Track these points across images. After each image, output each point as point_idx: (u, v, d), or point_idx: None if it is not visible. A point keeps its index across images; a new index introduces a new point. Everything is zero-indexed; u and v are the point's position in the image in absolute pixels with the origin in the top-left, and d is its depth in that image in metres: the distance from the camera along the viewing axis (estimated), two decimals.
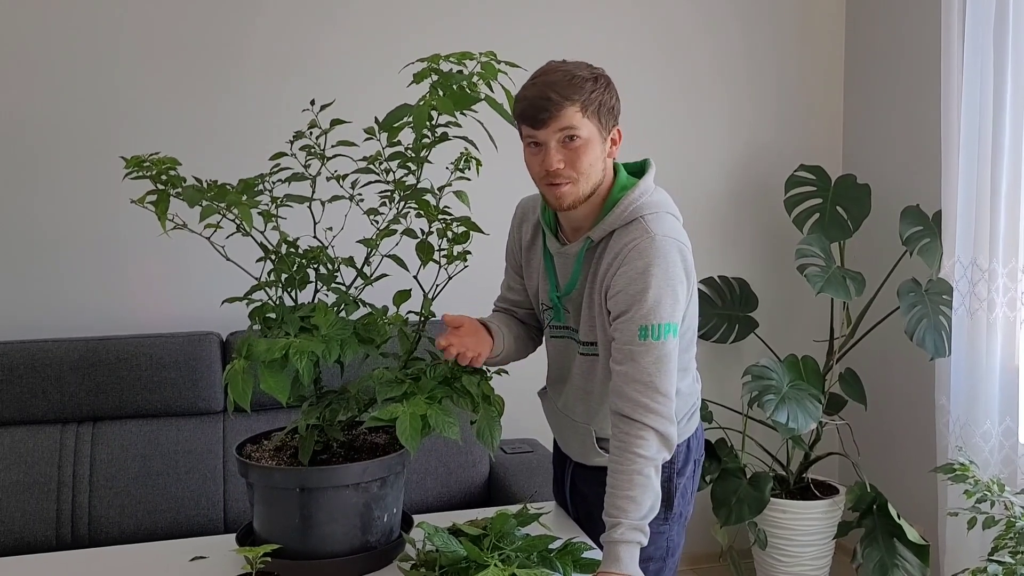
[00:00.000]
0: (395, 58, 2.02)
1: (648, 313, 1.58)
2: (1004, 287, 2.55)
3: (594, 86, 1.61)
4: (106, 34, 2.75)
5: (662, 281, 1.59)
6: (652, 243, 1.61)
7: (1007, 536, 2.04)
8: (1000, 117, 2.53)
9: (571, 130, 1.59)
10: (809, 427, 2.77)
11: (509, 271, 1.91)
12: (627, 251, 1.62)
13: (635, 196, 1.66)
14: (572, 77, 1.60)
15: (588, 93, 1.60)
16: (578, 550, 1.61)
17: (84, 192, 2.75)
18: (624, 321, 1.60)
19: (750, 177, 3.36)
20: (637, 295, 1.59)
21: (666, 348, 1.58)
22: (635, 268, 1.60)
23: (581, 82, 1.60)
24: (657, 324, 1.58)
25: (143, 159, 1.66)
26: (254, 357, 1.57)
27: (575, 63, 1.65)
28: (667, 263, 1.60)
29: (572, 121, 1.59)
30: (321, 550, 1.62)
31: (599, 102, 1.61)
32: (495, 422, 1.65)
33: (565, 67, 1.63)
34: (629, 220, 1.65)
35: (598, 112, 1.61)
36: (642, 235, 1.62)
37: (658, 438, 1.57)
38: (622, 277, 1.61)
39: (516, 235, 1.86)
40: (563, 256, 1.73)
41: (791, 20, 3.37)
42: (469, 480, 2.70)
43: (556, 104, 1.57)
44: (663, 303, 1.58)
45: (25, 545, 2.37)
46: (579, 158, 1.61)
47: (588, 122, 1.60)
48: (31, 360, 2.49)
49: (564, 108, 1.58)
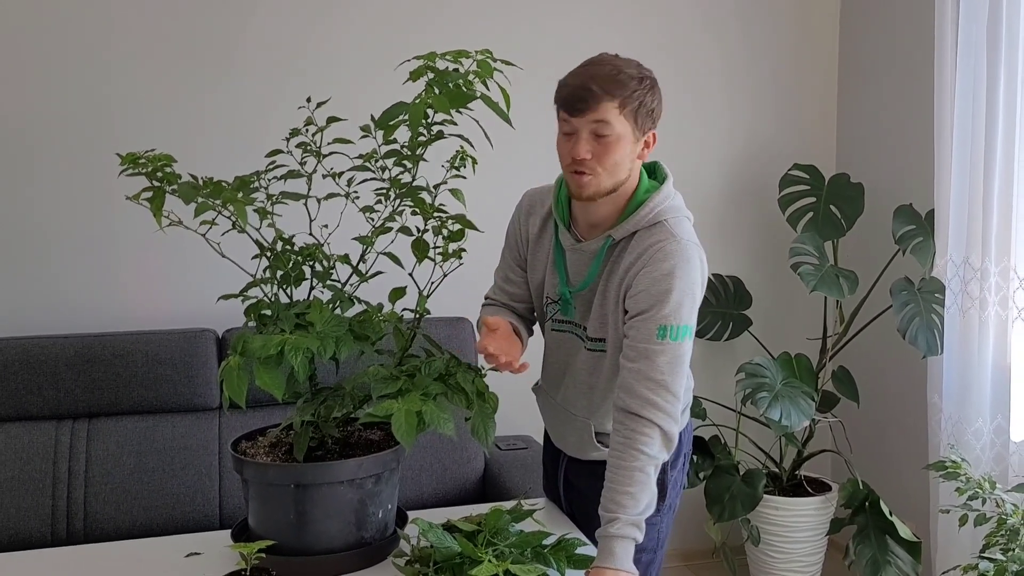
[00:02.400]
0: (391, 56, 2.02)
1: (669, 314, 1.59)
2: (996, 286, 2.57)
3: (638, 86, 1.63)
4: (101, 31, 2.75)
5: (685, 284, 1.61)
6: (679, 246, 1.64)
7: (998, 533, 2.05)
8: (993, 116, 2.54)
9: (604, 124, 1.61)
10: (802, 424, 2.78)
11: (509, 262, 1.89)
12: (652, 251, 1.64)
13: (660, 199, 1.69)
14: (619, 73, 1.61)
15: (630, 92, 1.61)
16: (572, 546, 1.62)
17: (80, 189, 2.75)
18: (642, 320, 1.61)
19: (744, 176, 3.37)
20: (660, 295, 1.60)
21: (682, 349, 1.61)
22: (660, 269, 1.62)
23: (627, 79, 1.61)
24: (676, 325, 1.60)
25: (138, 156, 1.66)
26: (249, 354, 1.57)
27: (626, 60, 1.66)
28: (690, 267, 1.63)
29: (607, 116, 1.60)
30: (316, 546, 1.63)
31: (640, 102, 1.63)
32: (489, 418, 1.66)
33: (616, 62, 1.65)
34: (653, 223, 1.67)
35: (636, 112, 1.63)
36: (668, 238, 1.65)
37: (662, 437, 1.58)
38: (646, 277, 1.62)
39: (522, 227, 1.85)
40: (578, 252, 1.74)
41: (785, 20, 3.38)
42: (464, 477, 2.70)
43: (595, 96, 1.59)
44: (684, 305, 1.61)
45: (20, 541, 2.37)
46: (607, 153, 1.62)
47: (624, 120, 1.62)
48: (27, 356, 2.49)
49: (602, 102, 1.59)
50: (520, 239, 1.86)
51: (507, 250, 1.90)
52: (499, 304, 1.90)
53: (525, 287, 1.88)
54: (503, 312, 1.87)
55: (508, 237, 1.89)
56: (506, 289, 1.90)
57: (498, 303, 1.90)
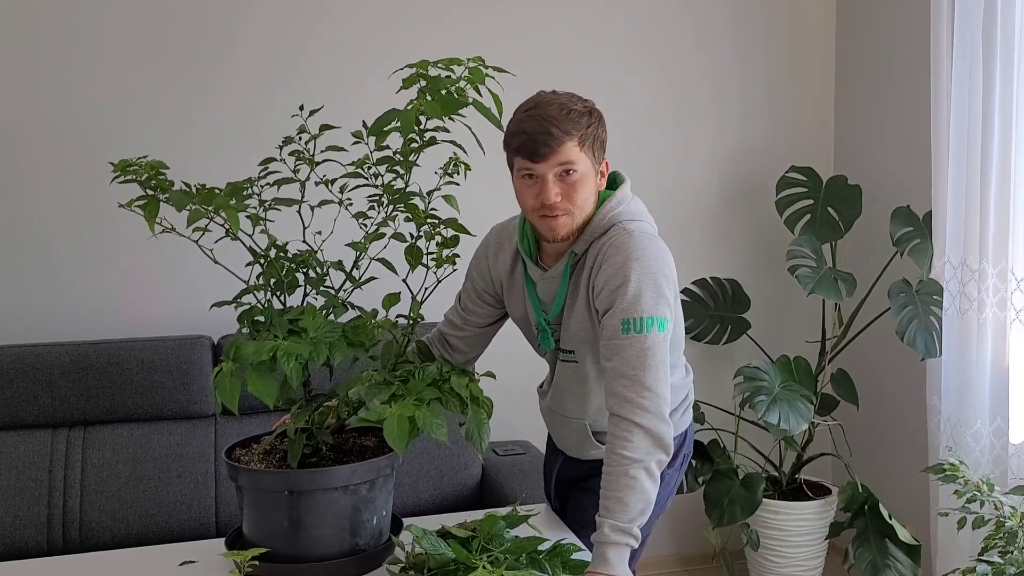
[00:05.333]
0: (384, 63, 2.02)
1: (629, 307, 1.59)
2: (994, 287, 2.56)
3: (589, 120, 1.64)
4: (95, 37, 2.75)
5: (641, 274, 1.61)
6: (630, 238, 1.65)
7: (997, 536, 2.04)
8: (989, 118, 2.53)
9: (570, 164, 1.62)
10: (801, 428, 2.77)
11: (470, 293, 1.91)
12: (606, 248, 1.66)
13: (612, 204, 1.70)
14: (569, 111, 1.62)
15: (585, 127, 1.63)
16: (567, 551, 1.61)
17: (74, 196, 2.75)
18: (608, 317, 1.62)
19: (741, 178, 3.37)
20: (618, 289, 1.60)
21: (648, 341, 1.58)
22: (614, 263, 1.63)
23: (578, 116, 1.63)
24: (639, 317, 1.58)
25: (130, 163, 1.66)
26: (242, 360, 1.57)
27: (566, 95, 1.67)
28: (645, 256, 1.63)
29: (571, 156, 1.62)
30: (310, 553, 1.62)
31: (594, 136, 1.65)
32: (484, 424, 1.66)
33: (559, 100, 1.65)
34: (607, 227, 1.69)
35: (592, 146, 1.65)
36: (619, 232, 1.66)
37: (647, 437, 1.55)
38: (603, 274, 1.64)
39: (492, 267, 1.86)
40: (547, 280, 1.75)
41: (782, 21, 3.38)
42: (461, 483, 2.69)
43: (557, 139, 1.60)
44: (644, 296, 1.60)
45: (16, 550, 2.36)
46: (576, 192, 1.64)
47: (584, 156, 1.64)
48: (22, 364, 2.49)
49: (564, 143, 1.61)
50: (491, 277, 1.87)
51: (469, 281, 1.91)
52: (446, 334, 1.93)
53: (484, 316, 1.90)
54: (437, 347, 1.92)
55: (471, 269, 1.90)
56: (456, 320, 1.93)
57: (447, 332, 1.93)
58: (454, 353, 1.92)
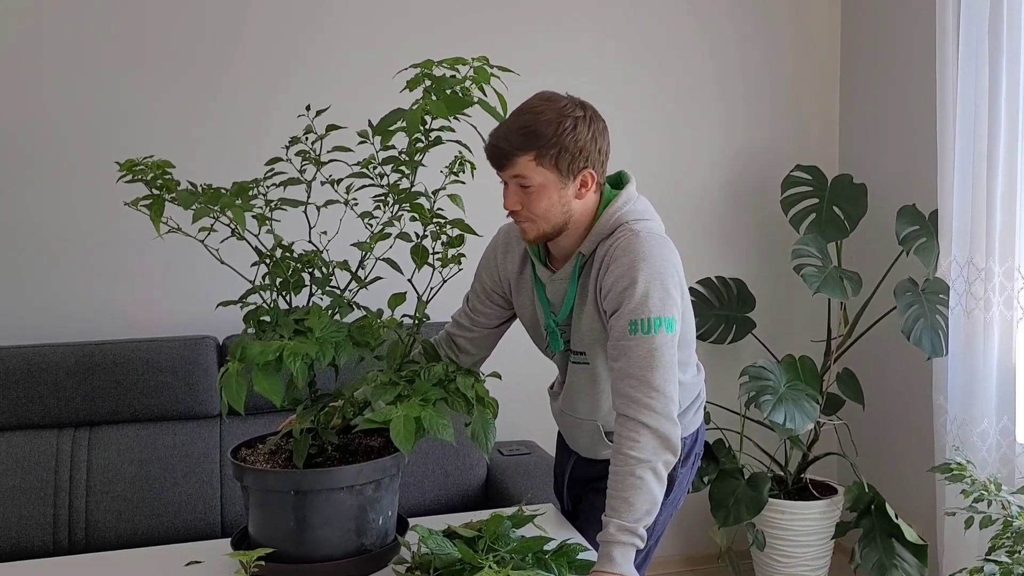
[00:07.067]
0: (389, 63, 2.02)
1: (636, 307, 1.59)
2: (1000, 286, 2.55)
3: (555, 132, 1.60)
4: (101, 38, 2.75)
5: (649, 275, 1.60)
6: (636, 238, 1.64)
7: (1004, 535, 2.03)
8: (995, 116, 2.53)
9: (523, 178, 1.63)
10: (806, 427, 2.77)
11: (478, 293, 1.91)
12: (613, 249, 1.65)
13: (618, 205, 1.70)
14: (533, 125, 1.61)
15: (545, 142, 1.60)
16: (573, 551, 1.60)
17: (79, 196, 2.75)
18: (616, 318, 1.62)
19: (746, 177, 3.36)
20: (625, 290, 1.60)
21: (656, 342, 1.58)
22: (622, 265, 1.62)
23: (542, 129, 1.60)
24: (646, 318, 1.58)
25: (136, 163, 1.66)
26: (248, 360, 1.56)
27: (552, 102, 1.64)
28: (653, 257, 1.62)
29: (523, 170, 1.62)
30: (316, 553, 1.62)
31: (559, 148, 1.61)
32: (489, 424, 1.65)
33: (537, 109, 1.63)
34: (614, 228, 1.68)
35: (556, 159, 1.62)
36: (626, 233, 1.66)
37: (654, 437, 1.55)
38: (611, 275, 1.64)
39: (500, 267, 1.86)
40: (555, 282, 1.75)
41: (787, 21, 3.37)
42: (467, 483, 2.69)
43: (507, 153, 1.62)
44: (651, 296, 1.59)
45: (22, 550, 2.37)
46: (533, 203, 1.65)
47: (543, 170, 1.62)
48: (27, 365, 2.49)
49: (515, 157, 1.62)
50: (499, 277, 1.87)
51: (478, 281, 1.91)
52: (453, 335, 1.93)
53: (492, 316, 1.90)
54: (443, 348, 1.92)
55: (480, 269, 1.91)
56: (464, 321, 1.93)
57: (455, 334, 1.93)
58: (461, 355, 1.92)
